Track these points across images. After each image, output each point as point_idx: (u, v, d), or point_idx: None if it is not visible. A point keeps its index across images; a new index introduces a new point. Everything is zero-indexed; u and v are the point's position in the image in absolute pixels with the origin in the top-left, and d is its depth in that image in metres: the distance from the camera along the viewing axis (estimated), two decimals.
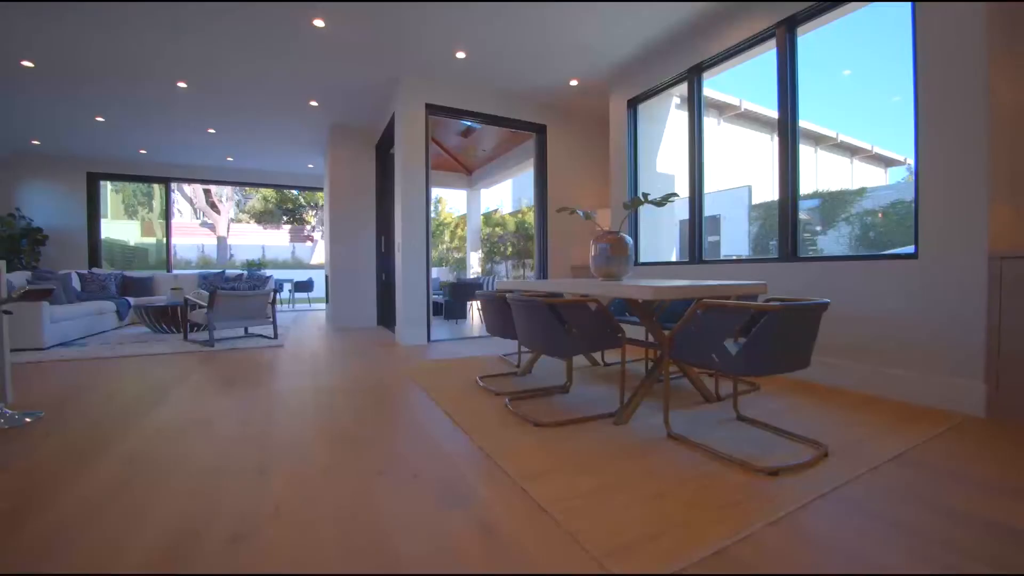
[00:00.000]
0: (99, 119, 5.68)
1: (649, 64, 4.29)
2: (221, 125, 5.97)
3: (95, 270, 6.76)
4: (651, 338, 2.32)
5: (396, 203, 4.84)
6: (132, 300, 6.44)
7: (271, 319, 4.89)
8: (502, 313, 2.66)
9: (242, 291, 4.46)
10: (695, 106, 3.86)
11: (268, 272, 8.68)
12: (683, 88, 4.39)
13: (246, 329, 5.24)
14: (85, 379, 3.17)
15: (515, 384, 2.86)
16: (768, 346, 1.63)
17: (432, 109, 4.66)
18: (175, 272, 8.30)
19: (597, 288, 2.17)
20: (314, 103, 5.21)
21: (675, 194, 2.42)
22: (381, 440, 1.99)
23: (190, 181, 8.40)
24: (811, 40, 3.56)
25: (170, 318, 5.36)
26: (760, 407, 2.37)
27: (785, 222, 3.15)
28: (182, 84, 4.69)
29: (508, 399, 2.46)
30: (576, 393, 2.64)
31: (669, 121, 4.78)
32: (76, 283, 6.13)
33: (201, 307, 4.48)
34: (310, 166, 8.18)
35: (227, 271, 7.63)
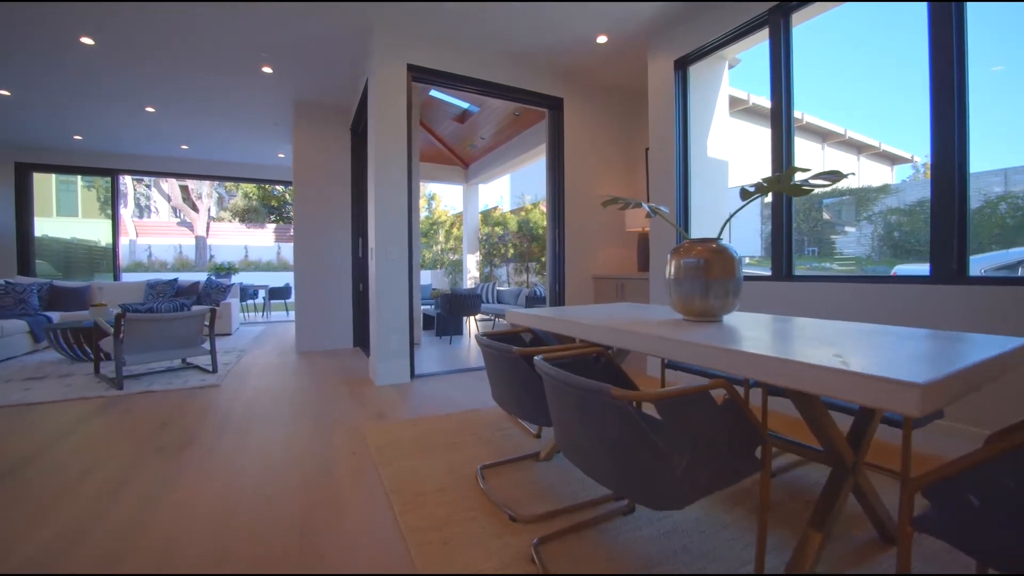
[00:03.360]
0: (2, 92, 4.54)
1: (705, 10, 3.20)
2: (159, 101, 4.83)
3: (15, 279, 5.61)
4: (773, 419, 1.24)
5: (369, 196, 3.73)
6: (56, 317, 5.31)
7: (207, 347, 3.77)
8: (520, 380, 1.55)
9: (163, 314, 3.34)
10: (782, 63, 2.78)
11: (232, 280, 7.56)
12: (734, 50, 3.35)
13: (184, 358, 4.12)
14: None
15: (540, 486, 1.77)
16: None
17: (416, 72, 3.55)
18: (124, 279, 7.15)
19: (724, 354, 1.08)
20: (267, 69, 4.08)
21: (839, 172, 1.33)
22: None
23: (141, 173, 7.24)
24: (805, 31, 2.88)
25: (91, 341, 4.23)
26: None
27: (948, 224, 2.07)
28: (87, 40, 3.56)
29: (537, 541, 1.37)
30: (649, 512, 1.55)
31: (721, 93, 3.71)
32: None
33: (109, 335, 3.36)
34: (280, 156, 7.04)
35: (180, 278, 6.50)
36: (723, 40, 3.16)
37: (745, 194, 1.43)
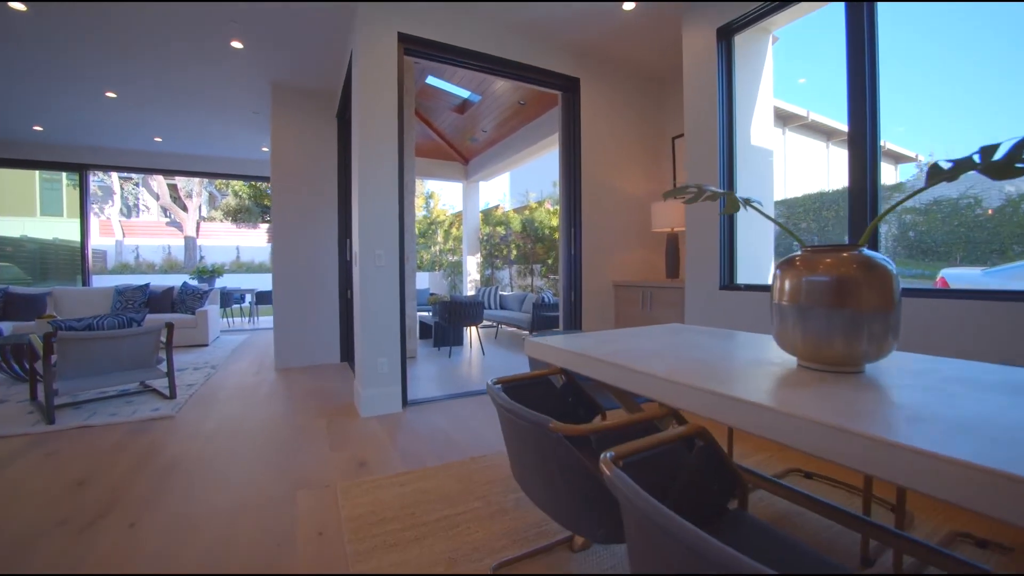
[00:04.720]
0: None
1: None
2: (119, 85, 4.26)
3: None
4: None
5: (353, 190, 3.19)
6: (8, 328, 4.74)
7: (164, 368, 3.21)
8: (560, 469, 1.00)
9: (105, 331, 2.79)
10: (866, 25, 2.23)
11: (215, 284, 7.00)
12: (783, 19, 2.83)
13: (143, 381, 3.55)
14: None
15: None
16: None
17: (409, 44, 3.00)
18: (93, 284, 6.58)
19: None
20: (237, 44, 3.53)
21: None
22: None
23: (113, 169, 6.67)
24: (802, 29, 2.69)
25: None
26: None
27: None
28: (17, 5, 3.00)
29: None
30: None
31: (765, 71, 3.17)
32: None
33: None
34: (264, 150, 6.47)
35: (152, 284, 5.93)
36: (776, 2, 2.62)
37: (936, 172, 0.88)
